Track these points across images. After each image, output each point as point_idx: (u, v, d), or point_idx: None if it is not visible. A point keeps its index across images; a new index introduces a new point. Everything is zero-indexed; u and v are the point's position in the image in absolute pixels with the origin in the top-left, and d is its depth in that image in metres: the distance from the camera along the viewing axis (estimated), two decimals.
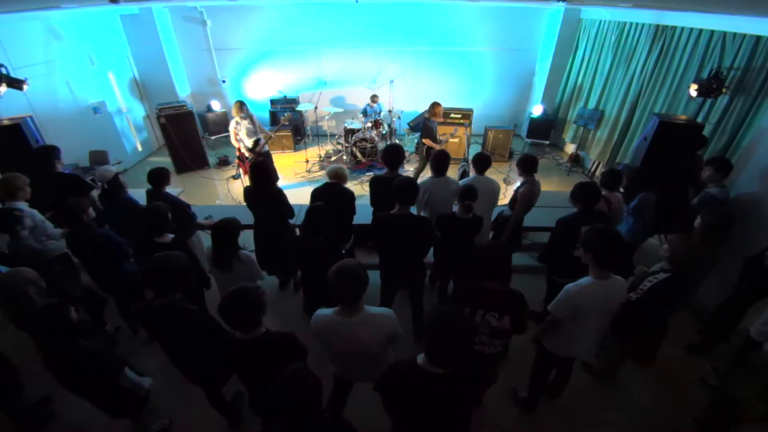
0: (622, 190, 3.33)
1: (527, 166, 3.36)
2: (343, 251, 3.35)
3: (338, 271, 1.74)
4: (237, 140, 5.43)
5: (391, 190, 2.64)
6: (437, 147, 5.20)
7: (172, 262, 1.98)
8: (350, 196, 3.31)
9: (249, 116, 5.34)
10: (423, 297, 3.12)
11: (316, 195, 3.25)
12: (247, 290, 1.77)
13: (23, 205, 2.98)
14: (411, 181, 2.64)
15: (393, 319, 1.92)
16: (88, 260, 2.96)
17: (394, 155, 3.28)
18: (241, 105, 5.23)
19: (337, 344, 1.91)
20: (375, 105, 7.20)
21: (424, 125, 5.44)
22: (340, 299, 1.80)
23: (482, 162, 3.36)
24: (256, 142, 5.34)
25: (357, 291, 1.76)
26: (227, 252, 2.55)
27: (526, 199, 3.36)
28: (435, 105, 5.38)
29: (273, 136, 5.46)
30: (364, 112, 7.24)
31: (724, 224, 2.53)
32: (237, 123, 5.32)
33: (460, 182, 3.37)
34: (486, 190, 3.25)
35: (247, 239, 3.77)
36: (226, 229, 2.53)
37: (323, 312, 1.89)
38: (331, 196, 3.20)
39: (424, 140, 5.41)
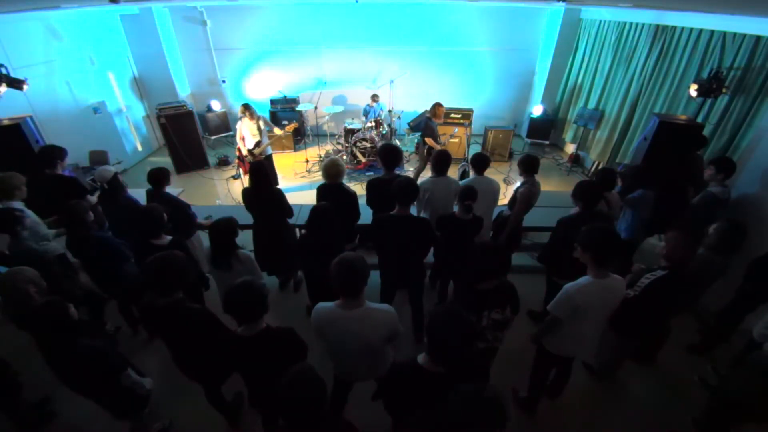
0: (618, 187, 3.34)
1: (528, 167, 3.36)
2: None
3: (340, 263, 1.76)
4: (240, 139, 5.44)
5: (387, 191, 2.63)
6: (439, 147, 5.20)
7: (169, 262, 1.99)
8: (353, 197, 3.29)
9: (256, 118, 5.33)
10: (423, 297, 3.12)
11: (320, 194, 3.25)
12: (252, 281, 1.81)
13: (20, 205, 2.98)
14: (411, 181, 2.65)
15: (393, 315, 1.93)
16: (88, 262, 2.96)
17: (389, 155, 3.26)
18: (245, 107, 5.25)
19: (337, 338, 1.91)
20: (375, 104, 7.20)
21: (425, 125, 5.45)
22: (341, 290, 1.81)
23: (481, 162, 3.35)
24: (257, 145, 5.35)
25: (358, 282, 1.78)
26: (226, 251, 2.55)
27: (525, 199, 3.36)
28: (437, 105, 5.38)
29: (278, 134, 5.69)
30: (365, 112, 7.24)
31: (738, 233, 2.57)
32: (240, 122, 5.32)
33: (460, 182, 3.37)
34: (486, 190, 3.25)
35: (246, 239, 3.76)
36: (223, 229, 2.53)
37: (324, 305, 1.90)
38: (335, 195, 3.19)
39: (425, 139, 5.42)
